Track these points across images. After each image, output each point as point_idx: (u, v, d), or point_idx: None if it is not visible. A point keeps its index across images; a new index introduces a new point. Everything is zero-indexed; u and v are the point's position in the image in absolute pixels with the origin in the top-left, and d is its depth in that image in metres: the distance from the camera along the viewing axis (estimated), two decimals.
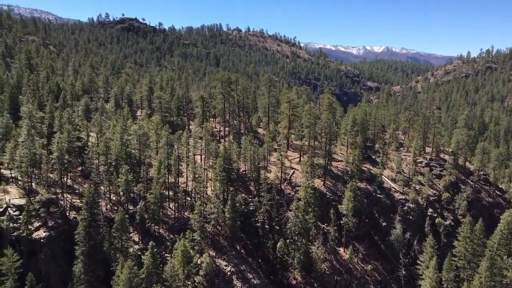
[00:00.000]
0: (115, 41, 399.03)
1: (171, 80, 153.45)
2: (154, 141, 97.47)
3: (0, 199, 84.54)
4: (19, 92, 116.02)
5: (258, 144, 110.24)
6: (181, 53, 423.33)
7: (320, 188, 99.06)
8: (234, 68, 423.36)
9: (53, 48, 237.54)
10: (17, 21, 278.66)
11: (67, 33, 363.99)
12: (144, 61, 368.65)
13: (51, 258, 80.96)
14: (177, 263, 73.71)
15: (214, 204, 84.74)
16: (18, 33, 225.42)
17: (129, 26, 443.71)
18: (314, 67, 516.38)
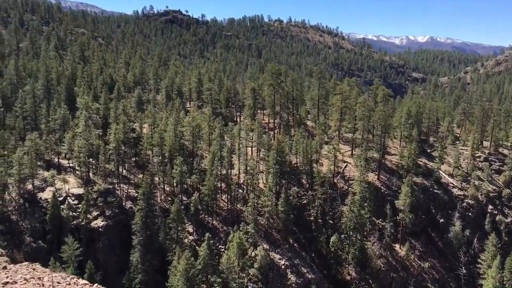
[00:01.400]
0: (160, 33, 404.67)
1: (219, 72, 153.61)
2: (207, 133, 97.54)
3: (59, 188, 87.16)
4: (74, 83, 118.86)
5: (308, 136, 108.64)
6: (223, 45, 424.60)
7: (375, 183, 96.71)
8: (276, 59, 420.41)
9: (102, 40, 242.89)
10: (67, 14, 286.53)
11: (113, 26, 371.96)
12: (188, 53, 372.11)
13: (109, 247, 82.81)
14: (233, 255, 73.61)
15: (268, 197, 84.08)
16: (68, 26, 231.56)
17: (173, 18, 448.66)
18: (357, 58, 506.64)
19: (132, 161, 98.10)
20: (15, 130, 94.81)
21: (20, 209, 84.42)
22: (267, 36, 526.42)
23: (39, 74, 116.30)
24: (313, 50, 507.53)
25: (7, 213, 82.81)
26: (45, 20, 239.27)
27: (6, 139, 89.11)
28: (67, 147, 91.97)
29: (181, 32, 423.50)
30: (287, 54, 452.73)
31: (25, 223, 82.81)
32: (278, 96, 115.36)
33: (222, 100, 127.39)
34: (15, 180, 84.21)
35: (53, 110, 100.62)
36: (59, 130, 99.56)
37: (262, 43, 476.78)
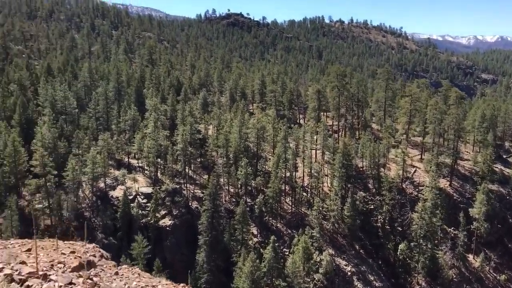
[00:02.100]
0: (221, 36, 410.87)
1: (282, 74, 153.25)
2: (271, 135, 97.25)
3: (130, 187, 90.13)
4: (142, 85, 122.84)
5: (374, 140, 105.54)
6: (284, 47, 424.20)
7: (446, 189, 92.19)
8: (337, 61, 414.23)
9: (167, 43, 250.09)
10: (134, 19, 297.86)
11: (177, 30, 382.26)
12: (248, 55, 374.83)
13: (176, 245, 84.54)
14: (298, 259, 72.63)
15: (334, 201, 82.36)
16: (136, 30, 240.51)
17: (234, 21, 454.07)
18: (421, 58, 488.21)
19: (198, 162, 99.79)
20: (88, 130, 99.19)
21: (93, 207, 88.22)
22: (328, 37, 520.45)
23: (110, 77, 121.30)
24: (375, 50, 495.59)
25: (81, 210, 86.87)
26: (114, 24, 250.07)
27: (81, 138, 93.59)
28: (137, 147, 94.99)
29: (242, 34, 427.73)
30: (348, 55, 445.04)
31: (97, 220, 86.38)
32: (343, 98, 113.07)
33: (285, 102, 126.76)
34: (88, 178, 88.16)
35: (123, 111, 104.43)
36: (129, 131, 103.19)
37: (322, 45, 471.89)
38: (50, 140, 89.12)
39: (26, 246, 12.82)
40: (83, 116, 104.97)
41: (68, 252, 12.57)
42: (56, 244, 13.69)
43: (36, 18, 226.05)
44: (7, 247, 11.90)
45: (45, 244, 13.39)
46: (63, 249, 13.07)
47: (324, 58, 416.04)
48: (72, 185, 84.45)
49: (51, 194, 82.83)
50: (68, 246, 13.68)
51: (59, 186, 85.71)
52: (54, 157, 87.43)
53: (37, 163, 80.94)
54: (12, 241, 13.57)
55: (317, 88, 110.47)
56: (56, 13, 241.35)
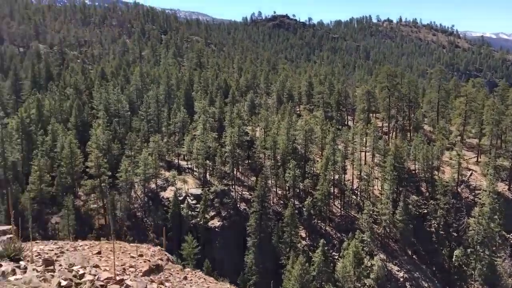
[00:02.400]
0: (267, 38, 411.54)
1: (329, 75, 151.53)
2: (319, 137, 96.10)
3: (180, 188, 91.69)
4: (191, 88, 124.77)
5: (427, 142, 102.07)
6: (330, 47, 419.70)
7: (505, 193, 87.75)
8: (385, 61, 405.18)
9: (214, 47, 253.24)
10: (183, 23, 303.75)
11: (224, 33, 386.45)
12: (294, 56, 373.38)
13: (224, 246, 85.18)
14: (349, 263, 71.22)
15: (385, 205, 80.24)
16: (184, 34, 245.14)
17: (280, 23, 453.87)
18: (474, 57, 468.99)
19: (246, 164, 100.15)
20: (140, 133, 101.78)
21: (144, 207, 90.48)
22: (375, 37, 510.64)
23: (161, 80, 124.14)
24: (425, 50, 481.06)
25: (133, 210, 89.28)
26: (163, 29, 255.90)
27: (133, 140, 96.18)
28: (186, 149, 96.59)
29: (288, 36, 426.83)
30: (397, 55, 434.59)
31: (148, 220, 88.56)
32: (393, 98, 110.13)
33: (333, 103, 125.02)
34: (140, 179, 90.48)
35: (173, 114, 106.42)
36: (179, 133, 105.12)
37: (370, 45, 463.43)
38: (104, 142, 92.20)
39: (95, 248, 13.02)
40: (135, 119, 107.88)
41: (137, 255, 12.64)
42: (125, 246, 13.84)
43: (89, 24, 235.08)
44: (77, 249, 12.10)
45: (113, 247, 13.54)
46: (131, 252, 13.16)
47: (372, 59, 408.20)
48: (125, 185, 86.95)
49: (105, 194, 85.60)
50: (135, 249, 13.79)
51: (113, 186, 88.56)
52: (108, 159, 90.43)
53: (93, 164, 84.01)
54: (80, 242, 13.85)
55: (366, 89, 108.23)
56: (108, 19, 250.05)
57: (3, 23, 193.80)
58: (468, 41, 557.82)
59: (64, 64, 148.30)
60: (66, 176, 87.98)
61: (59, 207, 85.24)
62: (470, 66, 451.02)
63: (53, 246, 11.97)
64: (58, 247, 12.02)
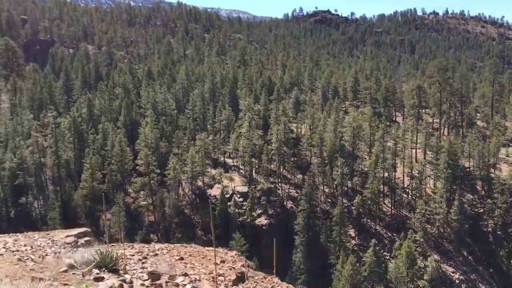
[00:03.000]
0: (309, 34, 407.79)
1: (375, 70, 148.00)
2: (368, 134, 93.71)
3: (226, 186, 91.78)
4: (235, 86, 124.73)
5: (481, 138, 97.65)
6: (373, 42, 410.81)
7: None
8: (432, 55, 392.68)
9: (256, 44, 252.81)
10: (225, 21, 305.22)
11: (265, 30, 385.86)
12: (337, 52, 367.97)
13: (271, 245, 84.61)
14: (401, 264, 68.98)
15: (439, 204, 77.23)
16: (227, 32, 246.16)
17: (322, 19, 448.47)
18: None
19: (291, 161, 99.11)
20: (187, 131, 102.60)
21: (192, 204, 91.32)
22: (420, 30, 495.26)
23: (205, 79, 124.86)
24: (474, 43, 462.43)
25: (182, 207, 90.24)
26: (206, 28, 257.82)
27: (180, 138, 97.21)
28: (232, 146, 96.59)
29: (330, 31, 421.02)
30: (443, 49, 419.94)
31: (196, 217, 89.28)
32: (445, 93, 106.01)
33: (380, 99, 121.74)
34: (187, 177, 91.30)
35: (218, 112, 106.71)
36: (224, 131, 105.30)
37: (415, 38, 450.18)
38: (152, 140, 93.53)
39: (173, 252, 12.54)
40: (181, 117, 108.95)
41: (219, 261, 12.09)
42: (202, 251, 13.30)
43: (135, 25, 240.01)
44: (157, 254, 11.65)
45: (191, 251, 13.04)
46: (210, 257, 12.63)
47: (417, 53, 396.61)
48: (173, 183, 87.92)
49: (154, 191, 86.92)
50: (213, 254, 13.22)
51: (161, 184, 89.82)
52: (156, 157, 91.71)
53: (142, 162, 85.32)
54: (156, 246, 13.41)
55: (417, 84, 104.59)
56: (152, 19, 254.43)
57: (53, 25, 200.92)
58: None
59: (112, 64, 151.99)
60: (116, 174, 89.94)
61: (110, 204, 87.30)
62: None
63: (132, 251, 11.57)
64: (137, 252, 11.62)
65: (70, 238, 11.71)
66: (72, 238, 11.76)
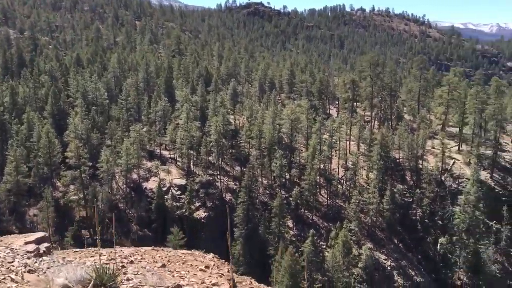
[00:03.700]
0: (242, 25, 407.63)
1: (309, 64, 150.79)
2: (305, 126, 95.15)
3: (163, 179, 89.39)
4: (171, 76, 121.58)
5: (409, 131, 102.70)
6: (305, 36, 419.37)
7: (487, 182, 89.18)
8: (359, 50, 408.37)
9: (190, 34, 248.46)
10: (156, 9, 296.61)
11: (198, 19, 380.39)
12: (270, 45, 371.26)
13: (211, 238, 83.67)
14: (338, 253, 70.94)
15: (372, 194, 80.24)
16: (159, 21, 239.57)
17: (255, 10, 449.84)
18: (445, 47, 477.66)
19: (229, 154, 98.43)
20: (120, 122, 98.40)
21: (126, 198, 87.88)
22: (349, 26, 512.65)
23: (139, 67, 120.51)
24: (398, 39, 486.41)
25: (115, 202, 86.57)
26: (137, 15, 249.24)
27: (113, 129, 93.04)
28: (169, 138, 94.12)
29: (263, 24, 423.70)
30: (370, 44, 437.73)
31: (131, 211, 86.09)
32: (376, 87, 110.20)
33: (315, 92, 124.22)
34: (122, 170, 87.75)
35: (154, 102, 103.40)
36: (160, 122, 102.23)
37: (344, 34, 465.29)
38: (83, 131, 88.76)
39: (146, 258, 11.33)
40: (114, 107, 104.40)
41: (204, 267, 11.09)
42: (182, 255, 12.19)
43: (60, 9, 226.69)
44: (132, 261, 10.42)
45: (168, 256, 11.90)
46: (190, 262, 11.59)
47: (346, 48, 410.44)
48: (107, 176, 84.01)
49: (86, 185, 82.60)
50: (193, 258, 12.21)
51: (93, 177, 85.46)
52: (88, 149, 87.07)
53: (72, 155, 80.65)
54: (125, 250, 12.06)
55: (351, 78, 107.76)
56: (79, 4, 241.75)
57: None
58: (439, 31, 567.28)
59: (36, 50, 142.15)
60: (44, 167, 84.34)
61: (37, 199, 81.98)
62: (441, 56, 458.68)
63: (104, 258, 10.28)
64: (109, 259, 10.33)
65: (31, 245, 10.23)
66: (33, 246, 10.28)
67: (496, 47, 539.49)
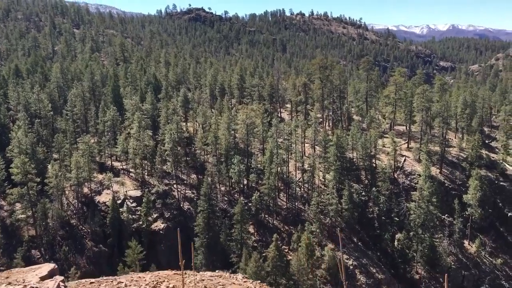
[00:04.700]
0: (184, 31, 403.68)
1: (258, 68, 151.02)
2: (260, 131, 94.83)
3: (117, 191, 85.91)
4: (118, 84, 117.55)
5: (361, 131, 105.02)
6: (248, 41, 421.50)
7: (437, 177, 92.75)
8: (301, 53, 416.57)
9: (131, 40, 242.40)
10: (95, 16, 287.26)
11: (138, 26, 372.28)
12: (213, 50, 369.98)
13: (170, 249, 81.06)
14: (302, 256, 70.90)
15: (331, 195, 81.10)
16: (99, 28, 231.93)
17: (196, 16, 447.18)
18: (382, 48, 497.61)
19: (183, 161, 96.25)
20: (68, 134, 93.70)
21: (78, 213, 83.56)
22: (290, 30, 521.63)
23: (83, 77, 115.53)
24: (337, 42, 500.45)
25: (66, 218, 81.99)
26: (75, 22, 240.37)
27: (60, 142, 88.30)
28: (120, 148, 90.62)
29: (205, 29, 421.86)
30: (311, 48, 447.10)
31: (85, 227, 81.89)
32: (326, 90, 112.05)
33: (266, 96, 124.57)
34: (71, 184, 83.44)
35: (101, 112, 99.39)
36: (109, 132, 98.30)
37: (285, 38, 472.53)
38: (27, 146, 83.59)
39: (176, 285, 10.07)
40: (59, 119, 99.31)
41: None
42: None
43: None
44: None
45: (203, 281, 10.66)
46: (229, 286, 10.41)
47: (289, 51, 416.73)
48: (56, 192, 79.50)
49: (34, 203, 77.62)
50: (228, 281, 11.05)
51: (40, 193, 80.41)
52: (34, 164, 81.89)
53: (18, 171, 75.52)
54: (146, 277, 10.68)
55: (303, 81, 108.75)
56: (12, 12, 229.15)
57: None
58: (375, 33, 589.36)
59: None
60: None
61: None
62: (379, 57, 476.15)
63: None
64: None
65: (52, 283, 8.81)
66: (53, 283, 8.87)
67: (429, 47, 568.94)
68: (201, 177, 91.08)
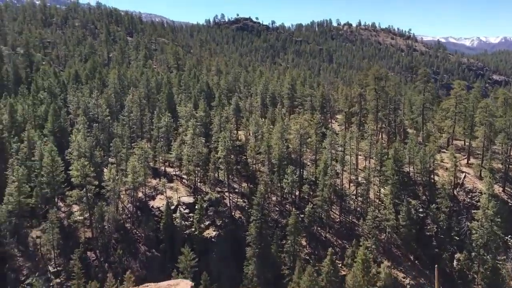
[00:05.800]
0: (231, 40, 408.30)
1: (309, 78, 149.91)
2: (313, 141, 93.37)
3: (170, 197, 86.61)
4: (171, 92, 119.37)
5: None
6: (294, 50, 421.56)
7: (500, 195, 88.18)
8: (348, 64, 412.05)
9: (182, 49, 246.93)
10: (147, 25, 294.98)
11: (187, 35, 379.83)
12: (260, 59, 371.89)
13: (221, 257, 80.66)
14: (359, 272, 68.68)
15: (389, 210, 78.43)
16: (152, 36, 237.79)
17: (243, 26, 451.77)
18: (432, 60, 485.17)
19: (234, 170, 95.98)
20: (124, 138, 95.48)
21: (133, 217, 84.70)
22: (336, 40, 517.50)
23: (139, 83, 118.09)
24: (385, 53, 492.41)
25: (121, 221, 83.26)
26: (128, 31, 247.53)
27: (118, 147, 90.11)
28: (175, 155, 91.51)
29: (252, 39, 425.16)
30: (358, 58, 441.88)
31: (138, 231, 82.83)
32: (381, 101, 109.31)
33: (317, 106, 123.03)
34: (127, 188, 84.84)
35: (156, 118, 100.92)
36: (163, 138, 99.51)
37: (332, 48, 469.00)
38: (86, 149, 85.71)
39: None
40: (115, 124, 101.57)
41: None
42: None
43: (51, 25, 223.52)
44: None
45: None
46: None
47: (335, 61, 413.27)
48: (113, 195, 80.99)
49: (92, 205, 79.33)
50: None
51: (96, 196, 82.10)
52: (92, 167, 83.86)
53: (78, 174, 77.44)
54: None
55: (359, 91, 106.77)
56: (70, 19, 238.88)
57: None
58: (425, 45, 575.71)
59: (32, 67, 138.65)
60: (46, 186, 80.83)
61: (39, 220, 78.50)
62: (428, 69, 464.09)
63: None
64: None
65: None
66: None
67: (481, 60, 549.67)
68: (252, 186, 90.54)
